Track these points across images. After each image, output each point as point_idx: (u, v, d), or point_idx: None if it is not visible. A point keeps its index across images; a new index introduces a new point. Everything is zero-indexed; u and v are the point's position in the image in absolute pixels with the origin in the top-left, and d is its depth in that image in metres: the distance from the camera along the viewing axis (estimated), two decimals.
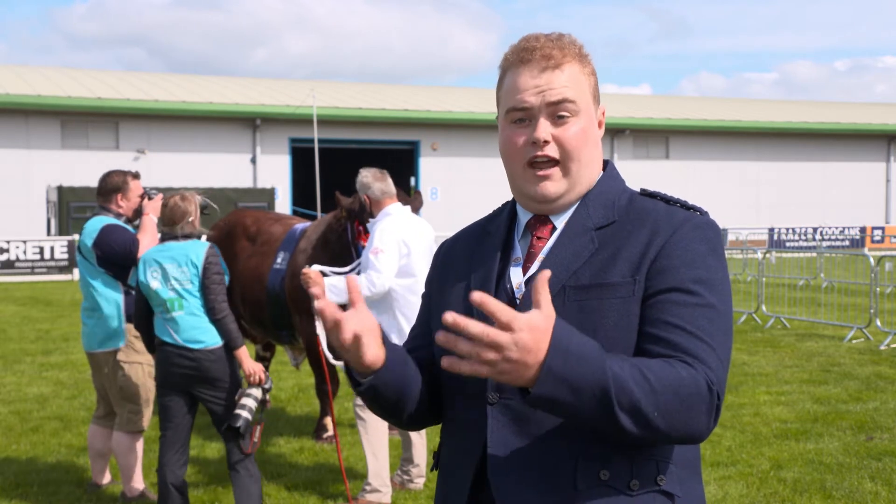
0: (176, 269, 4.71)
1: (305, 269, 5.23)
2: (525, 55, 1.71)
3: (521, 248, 1.77)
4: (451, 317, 1.37)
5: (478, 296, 1.37)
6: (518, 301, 1.70)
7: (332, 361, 5.78)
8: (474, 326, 1.37)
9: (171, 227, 4.81)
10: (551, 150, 1.69)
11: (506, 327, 1.38)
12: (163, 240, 4.88)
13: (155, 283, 4.71)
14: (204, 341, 4.66)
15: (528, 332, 1.39)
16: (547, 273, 1.45)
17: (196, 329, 4.66)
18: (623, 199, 1.74)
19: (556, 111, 1.69)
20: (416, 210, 5.69)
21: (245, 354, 4.75)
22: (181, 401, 4.76)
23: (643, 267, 1.63)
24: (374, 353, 1.60)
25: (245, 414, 4.77)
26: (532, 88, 1.68)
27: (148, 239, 5.28)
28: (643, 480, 1.61)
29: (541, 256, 1.72)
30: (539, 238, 1.75)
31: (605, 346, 1.58)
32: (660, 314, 1.60)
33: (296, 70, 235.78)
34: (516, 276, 1.73)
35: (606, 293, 1.63)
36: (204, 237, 5.85)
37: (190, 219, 4.81)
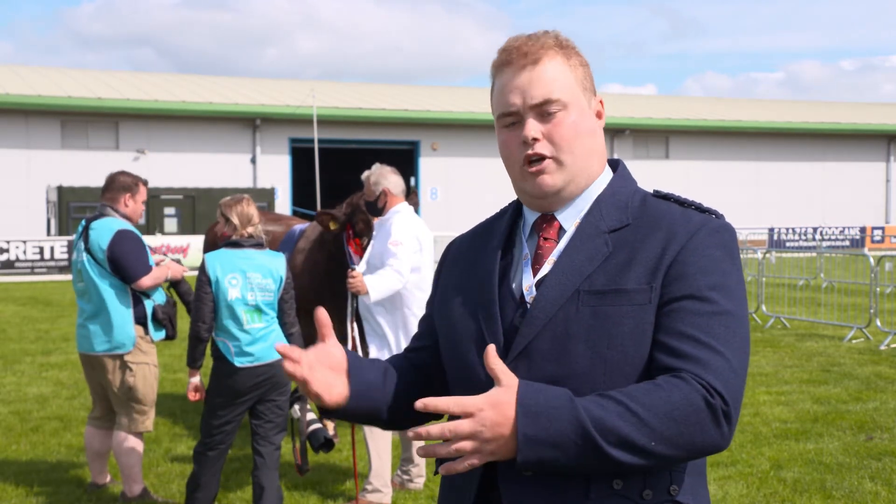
0: (260, 280, 4.56)
1: (353, 272, 5.17)
2: (505, 56, 1.72)
3: (528, 248, 1.74)
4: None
5: (420, 404, 1.48)
6: (529, 304, 1.66)
7: None
8: (434, 430, 1.47)
9: (250, 227, 4.62)
10: (542, 147, 1.68)
11: (466, 415, 1.47)
12: (232, 244, 4.63)
13: (234, 292, 4.52)
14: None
15: (490, 408, 1.47)
16: (492, 346, 1.52)
17: (276, 340, 4.62)
18: (636, 201, 1.72)
19: (542, 109, 1.69)
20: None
21: None
22: (240, 418, 4.70)
23: (659, 273, 1.61)
24: (336, 394, 1.69)
25: (322, 427, 4.92)
26: (515, 90, 1.70)
27: (157, 274, 5.26)
28: (656, 491, 1.60)
29: (552, 258, 1.69)
30: (546, 239, 1.72)
31: (616, 356, 1.58)
32: (674, 322, 1.58)
33: (305, 71, 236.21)
34: (526, 278, 1.70)
35: (622, 300, 1.60)
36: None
37: (260, 224, 4.69)
